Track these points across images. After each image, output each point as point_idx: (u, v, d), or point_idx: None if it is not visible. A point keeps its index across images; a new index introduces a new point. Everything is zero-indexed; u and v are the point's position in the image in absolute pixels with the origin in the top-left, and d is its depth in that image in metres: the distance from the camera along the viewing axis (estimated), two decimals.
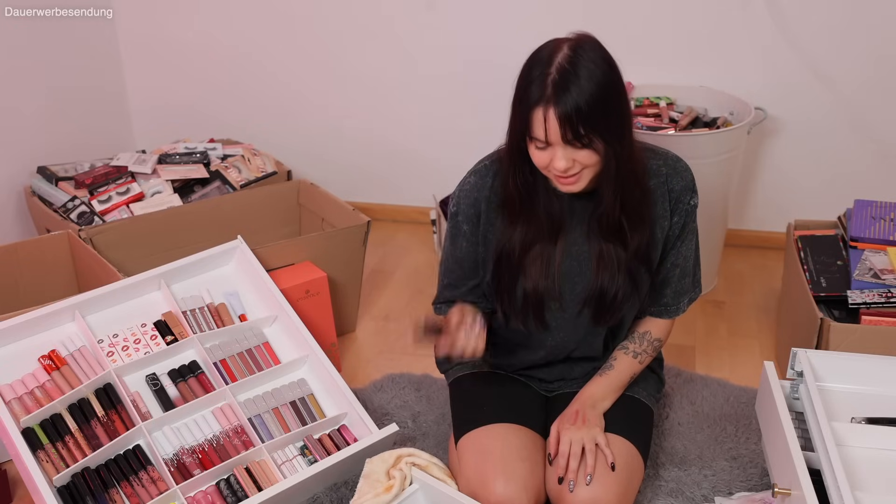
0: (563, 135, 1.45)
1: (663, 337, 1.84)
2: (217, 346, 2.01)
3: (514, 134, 1.54)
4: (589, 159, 1.49)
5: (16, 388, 1.84)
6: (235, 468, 1.84)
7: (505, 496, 1.63)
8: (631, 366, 1.79)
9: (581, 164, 1.50)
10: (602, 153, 1.48)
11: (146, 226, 2.42)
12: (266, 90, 3.15)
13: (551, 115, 1.44)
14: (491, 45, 2.86)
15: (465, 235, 1.71)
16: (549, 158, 1.49)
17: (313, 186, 2.62)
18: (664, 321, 1.83)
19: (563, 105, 1.43)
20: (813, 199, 2.85)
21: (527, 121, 1.47)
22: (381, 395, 2.22)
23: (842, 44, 2.67)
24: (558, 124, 1.44)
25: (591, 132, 1.45)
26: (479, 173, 1.68)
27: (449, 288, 1.80)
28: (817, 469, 1.53)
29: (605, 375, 1.78)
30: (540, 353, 1.82)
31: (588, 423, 1.69)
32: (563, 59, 1.45)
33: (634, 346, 1.80)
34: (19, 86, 2.74)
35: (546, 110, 1.44)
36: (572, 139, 1.45)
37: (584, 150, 1.47)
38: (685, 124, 2.59)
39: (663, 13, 2.77)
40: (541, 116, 1.45)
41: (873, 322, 2.05)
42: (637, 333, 1.82)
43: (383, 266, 2.91)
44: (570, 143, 1.46)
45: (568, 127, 1.44)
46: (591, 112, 1.43)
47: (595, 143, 1.47)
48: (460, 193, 1.70)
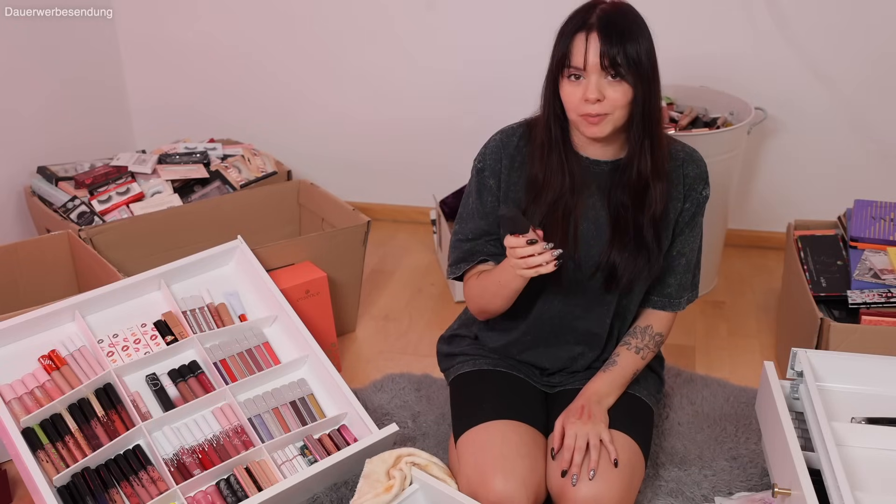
0: (602, 58, 1.53)
1: (664, 332, 1.85)
2: (217, 346, 2.01)
3: (552, 69, 1.60)
4: (618, 95, 1.55)
5: (16, 388, 1.84)
6: (235, 468, 1.84)
7: (504, 493, 1.64)
8: (634, 361, 1.80)
9: (610, 101, 1.56)
10: (631, 95, 1.56)
11: (146, 226, 2.42)
12: (266, 90, 3.15)
13: (594, 37, 1.53)
14: (491, 45, 2.86)
15: (490, 190, 1.73)
16: (581, 91, 1.56)
17: (313, 186, 2.62)
18: (665, 315, 1.84)
19: (606, 30, 1.52)
20: (813, 199, 2.85)
21: (567, 47, 1.55)
22: (381, 395, 2.22)
23: (842, 44, 2.67)
24: (599, 45, 1.52)
25: (628, 65, 1.53)
26: (506, 132, 1.74)
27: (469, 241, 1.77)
28: (817, 469, 1.53)
29: (608, 371, 1.79)
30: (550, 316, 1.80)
31: (593, 419, 1.70)
32: (605, 5, 1.57)
33: (636, 341, 1.82)
34: (19, 86, 2.75)
35: (589, 33, 1.53)
36: (609, 65, 1.53)
37: (616, 85, 1.55)
38: (685, 124, 2.59)
39: (663, 13, 2.76)
40: (583, 38, 1.54)
41: (873, 322, 2.05)
42: (639, 328, 1.83)
43: (383, 266, 2.91)
44: (606, 70, 1.54)
45: (608, 49, 1.52)
46: (629, 45, 1.53)
47: (627, 79, 1.54)
48: (486, 150, 1.74)
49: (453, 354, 1.95)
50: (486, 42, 2.87)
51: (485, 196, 1.74)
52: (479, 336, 1.92)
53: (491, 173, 1.72)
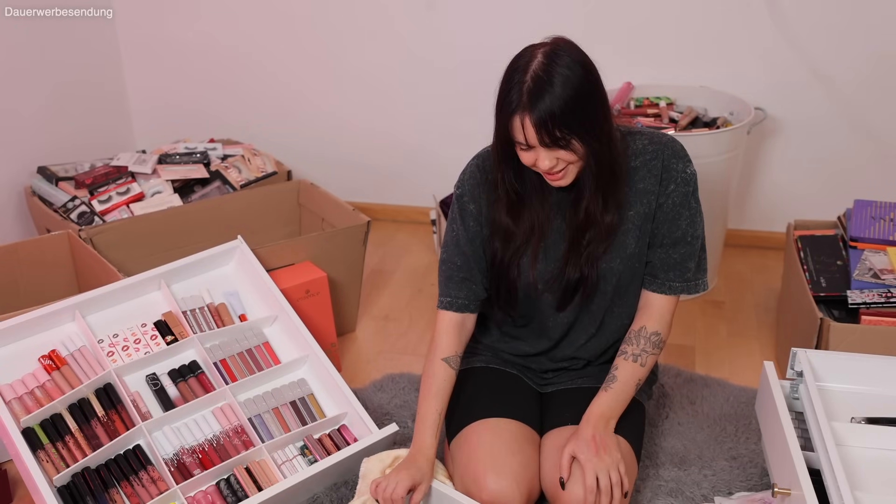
0: (541, 139, 1.52)
1: (661, 330, 1.76)
2: (217, 346, 2.01)
3: (498, 138, 1.61)
4: (571, 157, 1.56)
5: (16, 388, 1.84)
6: (235, 468, 1.84)
7: (496, 491, 1.64)
8: (634, 371, 1.73)
9: (565, 161, 1.56)
10: (582, 152, 1.55)
11: (146, 226, 2.42)
12: (266, 90, 3.15)
13: (528, 122, 1.51)
14: (491, 45, 2.86)
15: (472, 214, 1.74)
16: (534, 158, 1.57)
17: (313, 186, 2.62)
18: (660, 312, 1.76)
19: (537, 111, 1.50)
20: (813, 199, 2.85)
21: (507, 127, 1.55)
22: (381, 395, 2.22)
23: (841, 44, 2.67)
24: (534, 130, 1.51)
25: (568, 135, 1.52)
26: (482, 156, 1.75)
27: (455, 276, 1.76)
28: (817, 469, 1.53)
29: (609, 390, 1.71)
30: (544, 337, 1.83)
31: (609, 451, 1.63)
32: (537, 66, 1.52)
33: (632, 348, 1.74)
34: (19, 86, 2.75)
35: (522, 117, 1.52)
36: (550, 143, 1.52)
37: (566, 150, 1.54)
38: (685, 124, 2.59)
39: (663, 13, 2.77)
40: (518, 123, 1.53)
41: (873, 322, 2.05)
42: (633, 333, 1.76)
43: (383, 266, 2.91)
44: (549, 147, 1.53)
45: (544, 132, 1.51)
46: (565, 116, 1.50)
47: (573, 144, 1.53)
48: (464, 176, 1.75)
49: None
50: (486, 42, 2.87)
51: (467, 221, 1.74)
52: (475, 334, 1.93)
53: (471, 198, 1.73)
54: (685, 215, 1.72)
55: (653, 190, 1.70)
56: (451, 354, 1.75)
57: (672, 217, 1.71)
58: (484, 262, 1.76)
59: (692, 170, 1.72)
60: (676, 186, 1.70)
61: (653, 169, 1.69)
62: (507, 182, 1.67)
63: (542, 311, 1.80)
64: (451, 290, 1.76)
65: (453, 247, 1.76)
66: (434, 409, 1.71)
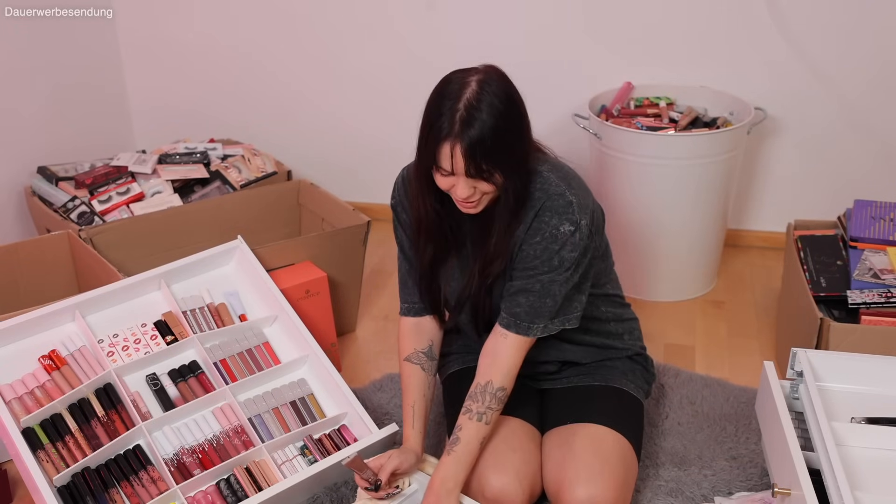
0: (467, 169, 1.52)
1: (507, 385, 1.67)
2: (217, 346, 2.01)
3: (421, 161, 1.61)
4: (489, 188, 1.57)
5: (16, 388, 1.84)
6: (235, 468, 1.84)
7: (499, 487, 1.64)
8: (478, 430, 1.65)
9: (481, 191, 1.57)
10: (501, 181, 1.56)
11: (146, 226, 2.42)
12: (266, 90, 3.15)
13: (457, 151, 1.51)
14: (492, 45, 2.86)
15: (406, 224, 1.78)
16: (451, 184, 1.57)
17: (313, 186, 2.62)
18: (507, 362, 1.67)
19: (467, 140, 1.50)
20: (813, 199, 2.85)
21: (434, 153, 1.54)
22: (381, 394, 2.22)
23: (841, 43, 2.67)
24: (463, 159, 1.51)
25: (493, 167, 1.53)
26: (409, 168, 1.80)
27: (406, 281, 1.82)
28: (817, 469, 1.53)
29: (453, 454, 1.65)
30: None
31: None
32: (470, 94, 1.52)
33: (476, 405, 1.66)
34: (19, 86, 2.74)
35: (453, 145, 1.51)
36: (475, 174, 1.53)
37: (486, 182, 1.55)
38: (685, 124, 2.59)
39: (663, 13, 2.77)
40: (448, 151, 1.52)
41: (873, 322, 2.05)
42: (479, 386, 1.67)
43: (383, 266, 2.91)
44: (473, 177, 1.54)
45: (472, 162, 1.51)
46: (492, 149, 1.51)
47: (495, 177, 1.54)
48: (395, 188, 1.81)
49: (443, 353, 1.95)
50: (486, 42, 2.87)
51: (405, 229, 1.78)
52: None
53: (402, 209, 1.78)
54: (546, 263, 1.62)
55: (520, 235, 1.65)
56: (410, 353, 1.80)
57: (528, 266, 1.64)
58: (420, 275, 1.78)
59: (567, 228, 1.61)
60: (542, 239, 1.62)
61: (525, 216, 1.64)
62: (427, 206, 1.68)
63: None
64: (406, 296, 1.82)
65: (400, 254, 1.82)
66: (408, 404, 1.77)
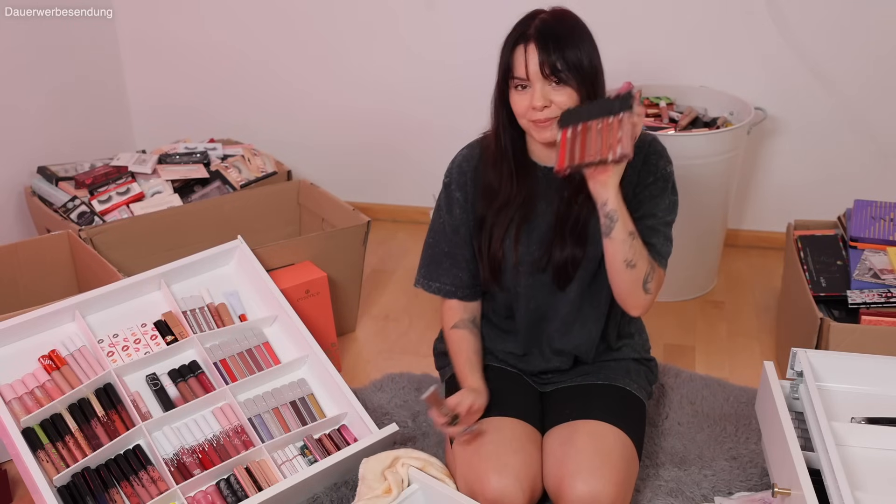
0: (542, 67, 1.58)
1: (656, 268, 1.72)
2: (217, 346, 2.01)
3: (499, 87, 1.67)
4: (564, 100, 1.60)
5: (16, 388, 1.84)
6: (235, 468, 1.84)
7: (499, 489, 1.64)
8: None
9: (556, 105, 1.61)
10: (577, 98, 1.61)
11: (146, 226, 2.42)
12: (266, 90, 3.15)
13: (532, 48, 1.59)
14: (492, 44, 2.85)
15: (458, 202, 1.81)
16: (528, 99, 1.62)
17: (313, 186, 2.62)
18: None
19: (542, 39, 1.58)
20: (813, 199, 2.85)
21: (509, 59, 1.62)
22: (381, 394, 2.22)
23: (842, 44, 2.67)
24: (538, 55, 1.58)
25: (567, 69, 1.58)
26: (471, 146, 1.83)
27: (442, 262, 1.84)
28: (817, 469, 1.53)
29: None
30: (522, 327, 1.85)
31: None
32: (544, 15, 1.63)
33: None
34: (19, 86, 2.75)
35: (527, 44, 1.60)
36: (550, 73, 1.59)
37: (561, 89, 1.60)
38: (685, 124, 2.59)
39: (664, 13, 2.77)
40: (522, 51, 1.60)
41: (873, 322, 2.05)
42: None
43: (383, 266, 2.91)
44: (548, 78, 1.59)
45: (547, 58, 1.58)
46: (567, 49, 1.58)
47: (571, 83, 1.59)
48: (452, 165, 1.83)
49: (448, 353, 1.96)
50: (487, 41, 2.87)
51: (454, 209, 1.81)
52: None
53: (457, 186, 1.80)
54: (662, 205, 1.74)
55: (631, 180, 1.72)
56: (457, 321, 1.86)
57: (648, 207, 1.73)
58: (468, 249, 1.82)
59: (670, 168, 1.75)
60: (655, 180, 1.73)
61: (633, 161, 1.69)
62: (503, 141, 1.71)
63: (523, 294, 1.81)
64: (439, 276, 1.86)
65: (440, 233, 1.84)
66: (462, 361, 1.82)
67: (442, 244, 1.84)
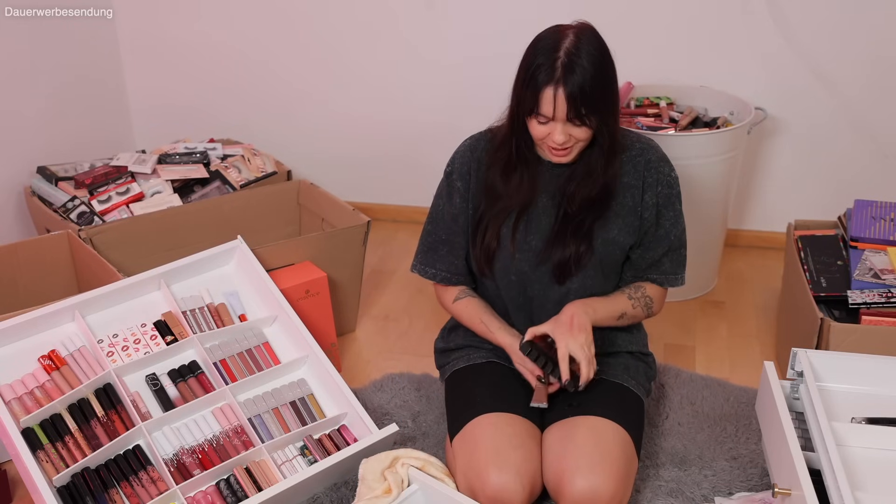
0: (568, 113, 1.63)
1: (655, 299, 1.89)
2: (217, 346, 2.01)
3: (517, 110, 1.71)
4: (583, 135, 1.68)
5: (16, 388, 1.84)
6: (235, 468, 1.84)
7: (499, 485, 1.64)
8: (622, 301, 1.85)
9: (576, 138, 1.69)
10: (595, 131, 1.69)
11: (146, 226, 2.42)
12: (266, 90, 3.15)
13: (560, 95, 1.62)
14: (492, 44, 2.86)
15: (459, 191, 1.85)
16: (548, 132, 1.68)
17: (313, 186, 2.62)
18: (659, 289, 1.90)
19: (571, 86, 1.61)
20: (813, 199, 2.85)
21: (536, 99, 1.64)
22: (381, 395, 2.22)
23: (842, 44, 2.67)
24: (566, 103, 1.62)
25: (591, 112, 1.65)
26: (474, 138, 1.87)
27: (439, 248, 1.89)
28: (817, 469, 1.53)
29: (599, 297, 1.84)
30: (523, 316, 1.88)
31: (583, 330, 1.74)
32: (569, 44, 1.64)
33: (630, 290, 1.87)
34: (19, 86, 2.74)
35: (556, 90, 1.62)
36: (574, 117, 1.64)
37: (581, 127, 1.67)
38: (685, 124, 2.59)
39: (664, 13, 2.77)
40: (550, 95, 1.63)
41: (873, 322, 2.05)
42: (633, 285, 1.88)
43: (383, 266, 2.91)
44: (571, 121, 1.65)
45: (572, 106, 1.63)
46: (592, 93, 1.63)
47: (591, 121, 1.66)
48: (455, 155, 1.88)
49: (449, 350, 1.97)
50: (487, 41, 2.87)
51: (454, 198, 1.85)
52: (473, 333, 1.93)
53: (459, 176, 1.85)
54: (669, 216, 1.82)
55: (636, 185, 1.79)
56: (456, 293, 1.91)
57: (656, 218, 1.81)
58: (466, 237, 1.86)
59: (675, 174, 1.84)
60: (664, 188, 1.80)
61: (637, 165, 1.80)
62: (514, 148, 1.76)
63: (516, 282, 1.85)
64: (435, 262, 1.91)
65: (439, 221, 1.89)
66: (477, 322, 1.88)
67: (440, 231, 1.88)
